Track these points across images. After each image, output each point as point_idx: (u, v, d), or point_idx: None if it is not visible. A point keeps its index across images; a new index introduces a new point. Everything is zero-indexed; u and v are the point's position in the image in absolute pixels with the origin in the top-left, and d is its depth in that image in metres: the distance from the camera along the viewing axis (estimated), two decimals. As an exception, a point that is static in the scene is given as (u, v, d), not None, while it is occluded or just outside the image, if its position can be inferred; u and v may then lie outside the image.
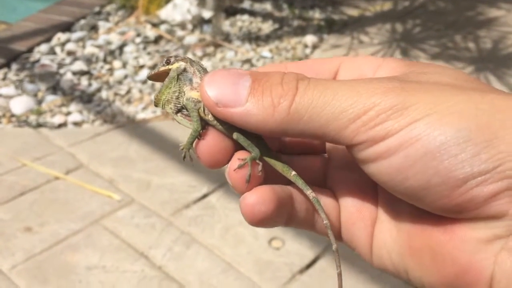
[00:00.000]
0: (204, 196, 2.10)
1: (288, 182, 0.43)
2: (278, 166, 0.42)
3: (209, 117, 0.41)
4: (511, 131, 0.32)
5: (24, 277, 1.72)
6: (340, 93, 0.34)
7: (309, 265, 1.80)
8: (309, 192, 0.41)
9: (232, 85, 0.36)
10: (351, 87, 0.35)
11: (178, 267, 1.78)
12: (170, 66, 0.43)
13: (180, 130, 2.48)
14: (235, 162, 0.40)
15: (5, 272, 1.73)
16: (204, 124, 0.42)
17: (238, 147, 0.42)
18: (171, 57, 0.44)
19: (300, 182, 0.41)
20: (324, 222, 0.41)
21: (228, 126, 0.41)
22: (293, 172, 0.42)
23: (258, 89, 0.36)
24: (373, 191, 0.42)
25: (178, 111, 0.44)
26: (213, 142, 0.41)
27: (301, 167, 0.44)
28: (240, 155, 0.41)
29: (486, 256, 0.33)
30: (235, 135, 0.41)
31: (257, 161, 0.41)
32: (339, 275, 0.42)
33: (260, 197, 0.38)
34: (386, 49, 3.34)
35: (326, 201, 0.42)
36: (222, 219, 1.98)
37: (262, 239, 1.89)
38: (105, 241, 1.87)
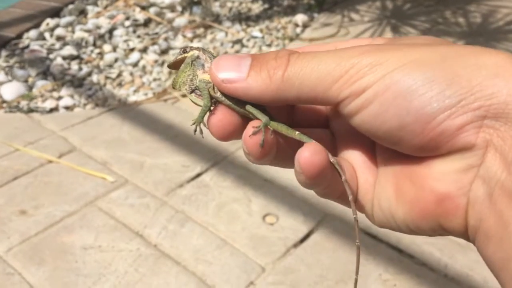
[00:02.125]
0: (198, 175, 2.11)
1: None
2: (283, 129, 0.46)
3: (218, 94, 0.47)
4: (471, 69, 0.35)
5: (20, 259, 1.73)
6: (325, 59, 0.39)
7: (303, 239, 1.81)
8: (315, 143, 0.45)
9: (235, 65, 0.43)
10: (334, 53, 0.40)
11: (173, 245, 1.79)
12: (186, 54, 0.50)
13: (172, 112, 2.48)
14: (249, 129, 0.45)
15: (1, 255, 1.74)
16: (214, 101, 0.48)
17: (244, 120, 0.47)
18: (187, 47, 0.51)
19: (304, 138, 0.45)
20: (343, 178, 0.44)
21: (235, 102, 0.46)
22: (297, 132, 0.46)
23: (257, 65, 0.42)
24: (373, 152, 0.46)
25: (192, 91, 0.50)
26: (222, 116, 0.46)
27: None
28: (254, 123, 0.45)
29: (462, 184, 0.37)
30: (247, 107, 0.46)
31: (269, 126, 0.45)
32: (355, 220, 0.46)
33: (313, 149, 0.43)
34: (377, 27, 3.33)
35: (347, 167, 0.46)
36: (216, 197, 2.00)
37: (256, 215, 1.91)
38: (100, 221, 1.88)
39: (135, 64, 2.95)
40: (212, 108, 0.47)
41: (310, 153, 0.42)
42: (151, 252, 1.76)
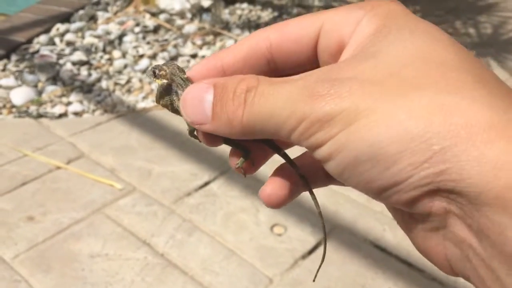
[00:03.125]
0: (206, 184, 2.10)
1: None
2: (269, 148, 0.47)
3: None
4: (423, 140, 0.31)
5: (27, 266, 1.73)
6: (280, 102, 0.36)
7: (311, 251, 1.80)
8: (296, 169, 0.45)
9: (199, 103, 0.40)
10: (288, 94, 0.36)
11: (181, 254, 1.78)
12: (156, 81, 0.47)
13: (180, 119, 2.46)
14: (232, 165, 0.46)
15: (8, 262, 1.74)
16: None
17: None
18: (156, 68, 0.47)
19: (288, 159, 0.46)
20: (318, 210, 0.47)
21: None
22: (282, 151, 0.46)
23: (218, 105, 0.39)
24: None
25: (176, 111, 0.48)
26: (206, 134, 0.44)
27: None
28: (233, 158, 0.46)
29: (436, 242, 0.35)
30: (224, 143, 0.45)
31: (248, 160, 0.46)
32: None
33: (274, 187, 0.44)
34: (386, 36, 3.32)
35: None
36: (223, 206, 1.99)
37: (264, 225, 1.90)
38: (107, 229, 1.88)
39: (144, 71, 2.95)
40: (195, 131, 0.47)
41: (270, 189, 0.44)
42: (158, 261, 1.76)
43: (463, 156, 0.30)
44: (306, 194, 0.47)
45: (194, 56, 3.09)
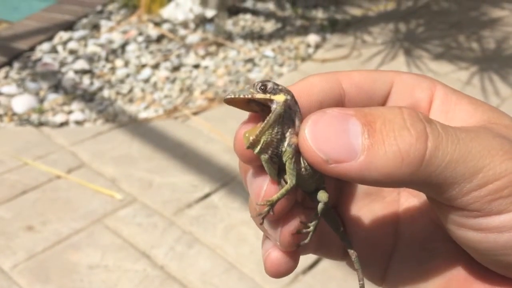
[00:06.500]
0: (206, 195, 2.09)
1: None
2: (331, 223, 0.40)
3: (302, 170, 0.35)
4: None
5: (25, 276, 1.71)
6: (474, 150, 0.31)
7: (311, 266, 1.79)
8: (352, 252, 0.40)
9: (341, 133, 0.31)
10: (482, 144, 0.31)
11: (180, 266, 1.77)
12: (273, 97, 0.33)
13: (182, 130, 2.46)
14: (295, 223, 0.37)
15: (6, 271, 1.73)
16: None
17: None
18: (268, 81, 0.34)
19: (346, 241, 0.40)
20: (360, 283, 0.40)
21: (314, 180, 0.36)
22: (341, 229, 0.40)
23: (376, 136, 0.31)
24: (391, 226, 0.42)
25: (270, 158, 0.34)
26: (291, 198, 0.37)
27: None
28: (303, 217, 0.37)
29: None
30: (319, 195, 0.37)
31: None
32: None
33: (286, 257, 0.38)
34: (389, 49, 3.33)
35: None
36: (224, 219, 1.97)
37: (265, 239, 1.88)
38: (107, 240, 1.86)
39: (146, 80, 2.95)
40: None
41: (280, 261, 0.38)
42: (158, 273, 1.74)
43: None
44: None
45: (196, 66, 3.09)
